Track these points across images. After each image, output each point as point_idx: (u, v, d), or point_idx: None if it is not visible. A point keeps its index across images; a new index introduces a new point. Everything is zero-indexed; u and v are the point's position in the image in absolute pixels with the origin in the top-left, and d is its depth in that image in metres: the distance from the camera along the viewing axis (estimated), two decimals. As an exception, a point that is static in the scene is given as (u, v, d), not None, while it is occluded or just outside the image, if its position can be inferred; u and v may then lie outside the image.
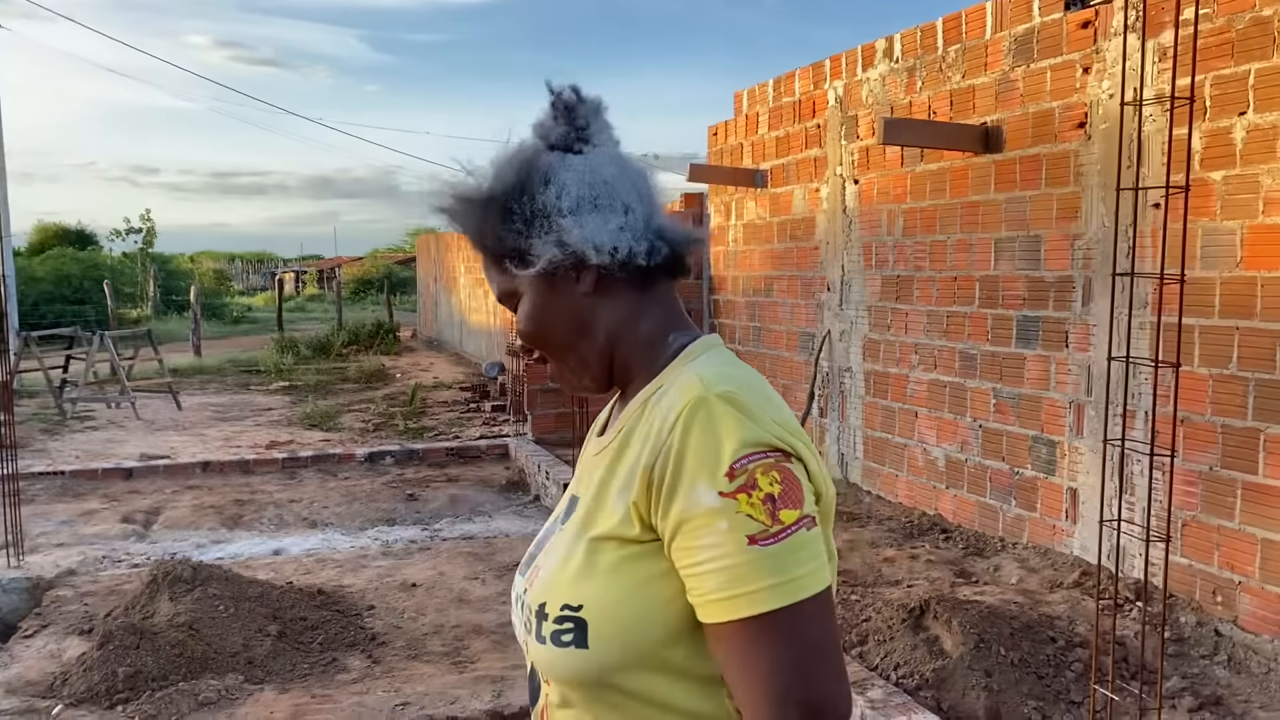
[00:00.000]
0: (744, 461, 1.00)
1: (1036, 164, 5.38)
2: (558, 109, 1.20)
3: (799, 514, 1.00)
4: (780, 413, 1.06)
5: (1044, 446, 5.39)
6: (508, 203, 1.16)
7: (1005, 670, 3.78)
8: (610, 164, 1.19)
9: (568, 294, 1.17)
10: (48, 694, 4.10)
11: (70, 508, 7.02)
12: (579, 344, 1.18)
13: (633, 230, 1.16)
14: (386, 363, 16.66)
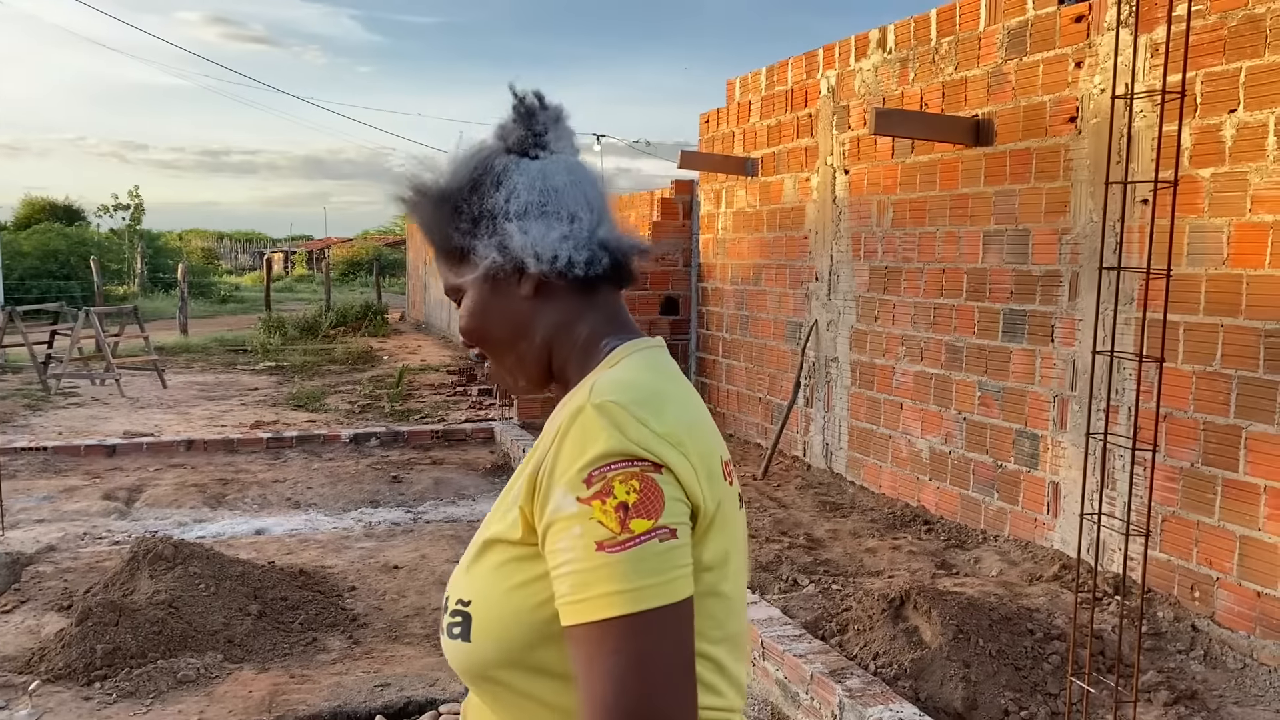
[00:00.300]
0: (603, 469, 1.01)
1: (1026, 158, 5.38)
2: (519, 113, 1.22)
3: (652, 524, 0.99)
4: (667, 423, 1.05)
5: (1027, 440, 5.41)
6: (458, 201, 1.19)
7: (983, 661, 3.79)
8: (563, 172, 1.21)
9: (508, 296, 1.19)
10: (25, 669, 4.09)
11: (52, 484, 6.99)
12: (517, 344, 1.21)
13: (575, 240, 1.18)
14: (374, 345, 16.61)
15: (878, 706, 3.41)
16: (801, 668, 3.74)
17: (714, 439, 1.13)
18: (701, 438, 1.09)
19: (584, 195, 1.21)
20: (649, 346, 1.20)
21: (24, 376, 12.08)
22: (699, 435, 1.08)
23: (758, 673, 4.02)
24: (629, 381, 1.10)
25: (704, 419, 1.13)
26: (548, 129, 1.22)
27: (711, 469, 1.08)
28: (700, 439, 1.08)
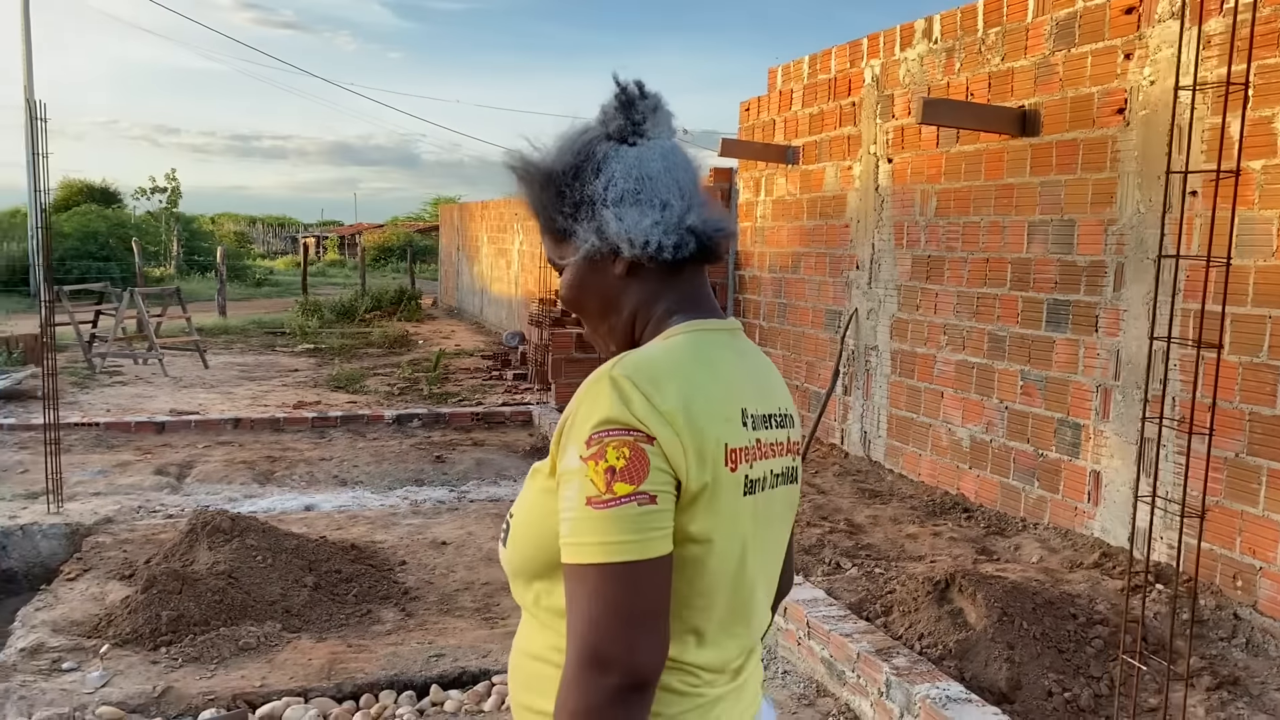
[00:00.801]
0: (601, 434, 1.14)
1: (1073, 149, 5.41)
2: (620, 101, 1.32)
3: (633, 489, 1.12)
4: (668, 401, 1.16)
5: (1069, 429, 5.44)
6: (561, 185, 1.31)
7: (1027, 644, 3.86)
8: (658, 158, 1.31)
9: (603, 274, 1.32)
10: (93, 634, 4.23)
11: (105, 458, 7.16)
12: (609, 316, 1.34)
13: (666, 226, 1.28)
14: (409, 329, 16.77)
15: (924, 684, 3.48)
16: (848, 646, 3.82)
17: (721, 426, 1.21)
18: (702, 422, 1.18)
19: (676, 181, 1.31)
20: (704, 328, 1.30)
21: (69, 355, 12.31)
22: (700, 419, 1.18)
23: (802, 651, 4.10)
24: (652, 358, 1.21)
25: (718, 405, 1.22)
26: (645, 118, 1.32)
27: (705, 451, 1.18)
28: (700, 423, 1.18)
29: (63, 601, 4.60)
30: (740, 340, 1.35)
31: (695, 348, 1.26)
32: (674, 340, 1.27)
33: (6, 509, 5.95)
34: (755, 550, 1.28)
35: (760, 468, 1.26)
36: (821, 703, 3.85)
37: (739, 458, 1.22)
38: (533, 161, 1.34)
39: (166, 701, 3.72)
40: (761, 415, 1.29)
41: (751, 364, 1.34)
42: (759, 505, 1.27)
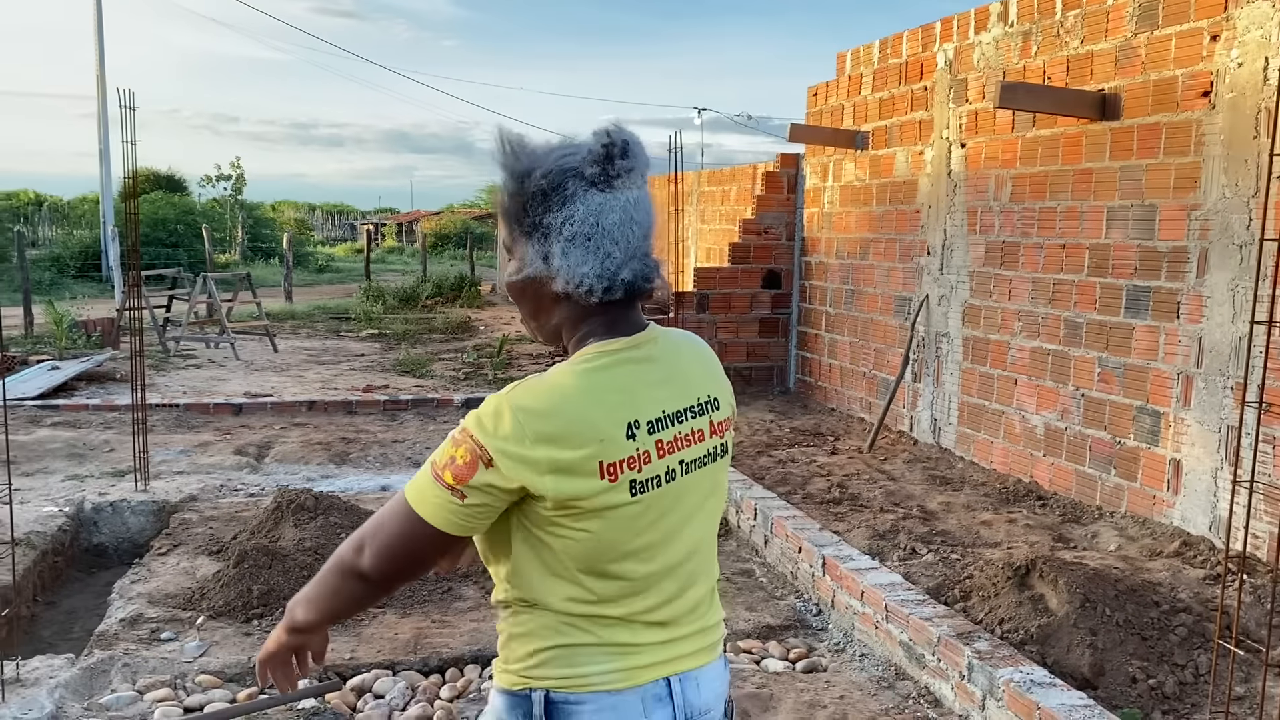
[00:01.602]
0: (468, 433, 1.43)
1: (1155, 132, 5.33)
2: (603, 152, 1.46)
3: (451, 483, 1.42)
4: (528, 434, 1.40)
5: (1148, 417, 5.38)
6: (526, 202, 1.48)
7: (1110, 630, 3.84)
8: (618, 209, 1.46)
9: (540, 286, 1.51)
10: (187, 606, 4.37)
11: (186, 439, 7.35)
12: (539, 318, 1.56)
13: (601, 273, 1.46)
14: (470, 315, 16.95)
15: (1007, 668, 3.48)
16: (928, 630, 3.83)
17: (594, 447, 1.42)
18: (569, 451, 1.41)
19: (626, 235, 1.47)
20: (608, 350, 1.49)
21: (143, 339, 12.60)
22: (566, 448, 1.40)
23: (880, 635, 4.12)
24: (538, 399, 1.42)
25: (592, 431, 1.42)
26: (620, 174, 1.47)
27: (573, 470, 1.41)
28: (557, 445, 1.40)
29: (156, 575, 4.75)
30: (646, 348, 1.52)
31: (584, 378, 1.45)
32: (567, 370, 1.46)
33: (96, 486, 6.15)
34: (662, 528, 1.51)
35: (659, 465, 1.48)
36: (900, 685, 3.86)
37: (618, 469, 1.44)
38: (510, 166, 1.50)
39: (261, 671, 3.84)
40: (669, 414, 1.50)
41: (659, 368, 1.53)
42: (658, 497, 1.49)
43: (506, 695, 1.54)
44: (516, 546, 1.49)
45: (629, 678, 1.51)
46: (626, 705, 1.50)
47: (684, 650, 1.57)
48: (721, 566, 4.96)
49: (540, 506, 1.44)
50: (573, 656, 1.50)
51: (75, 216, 32.44)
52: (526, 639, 1.52)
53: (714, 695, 1.63)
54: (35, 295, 15.51)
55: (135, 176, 6.12)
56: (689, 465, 1.53)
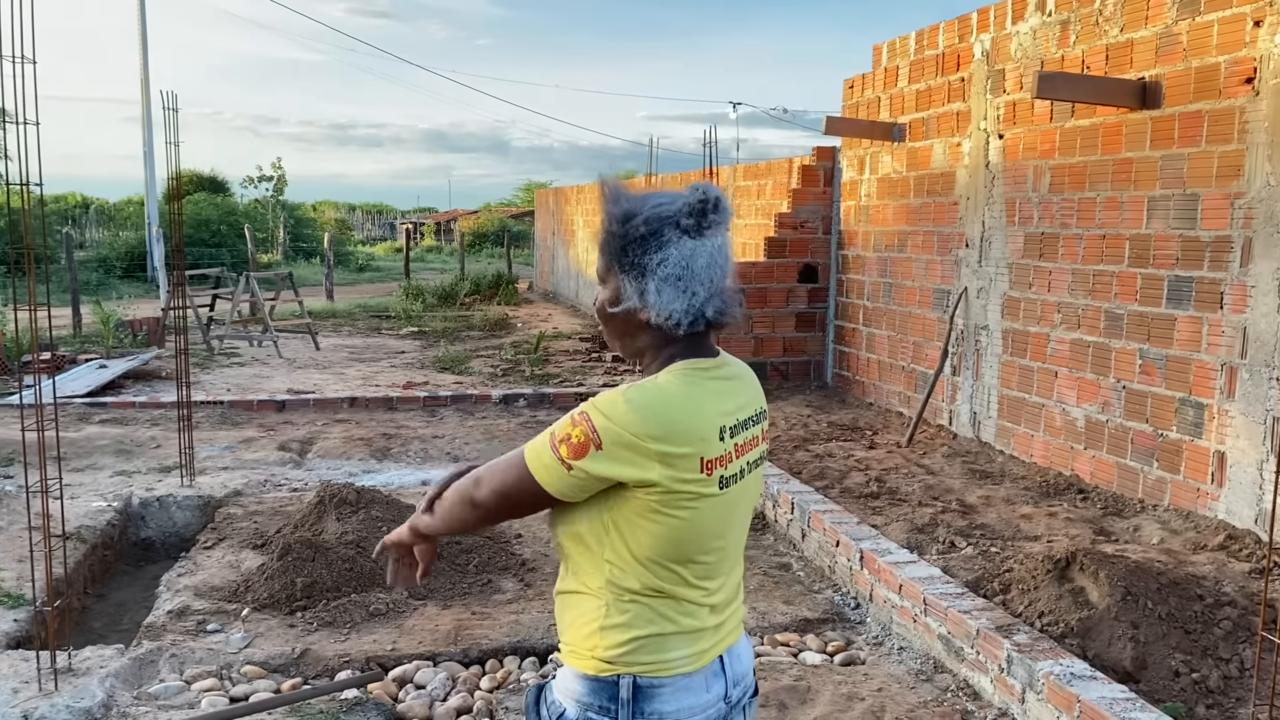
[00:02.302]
0: (586, 416, 1.60)
1: (1197, 120, 5.26)
2: (699, 206, 1.66)
3: (566, 457, 1.60)
4: (634, 427, 1.58)
5: (1191, 409, 5.31)
6: (627, 243, 1.67)
7: (1153, 623, 3.80)
8: (706, 254, 1.67)
9: (632, 315, 1.70)
10: (232, 598, 4.45)
11: (231, 435, 7.47)
12: (624, 340, 1.75)
13: (688, 310, 1.66)
14: (508, 312, 17.04)
15: (1047, 661, 3.47)
16: (966, 623, 3.82)
17: (697, 445, 1.62)
18: (677, 445, 1.60)
19: (711, 277, 1.68)
20: (695, 368, 1.69)
21: (188, 337, 12.80)
22: (674, 443, 1.60)
23: (919, 628, 4.11)
24: (653, 396, 1.62)
25: (695, 431, 1.62)
26: (711, 225, 1.67)
27: (677, 464, 1.60)
28: (674, 446, 1.59)
29: (202, 568, 4.84)
30: (724, 369, 1.74)
31: (686, 387, 1.65)
32: (672, 379, 1.65)
33: (143, 482, 6.27)
34: (730, 520, 1.72)
35: (736, 465, 1.69)
36: (939, 678, 3.85)
37: (714, 465, 1.64)
38: (612, 211, 1.69)
39: (305, 663, 3.91)
40: (739, 422, 1.71)
41: (733, 385, 1.74)
42: (733, 492, 1.70)
43: (589, 680, 1.69)
44: (609, 534, 1.65)
45: (698, 660, 1.70)
46: (695, 684, 1.70)
47: (729, 629, 1.78)
48: (759, 560, 4.99)
49: (643, 494, 1.61)
50: (663, 644, 1.67)
51: (121, 218, 32.97)
52: (623, 629, 1.66)
53: (749, 662, 1.84)
54: (83, 295, 15.80)
55: (179, 178, 6.22)
56: (751, 466, 1.76)
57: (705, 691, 1.71)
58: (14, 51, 3.34)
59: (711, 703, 1.72)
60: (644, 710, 1.66)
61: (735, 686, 1.77)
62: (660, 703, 1.67)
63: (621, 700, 1.66)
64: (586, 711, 1.68)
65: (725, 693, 1.74)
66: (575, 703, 1.70)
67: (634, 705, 1.66)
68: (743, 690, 1.81)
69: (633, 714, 1.66)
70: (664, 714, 1.67)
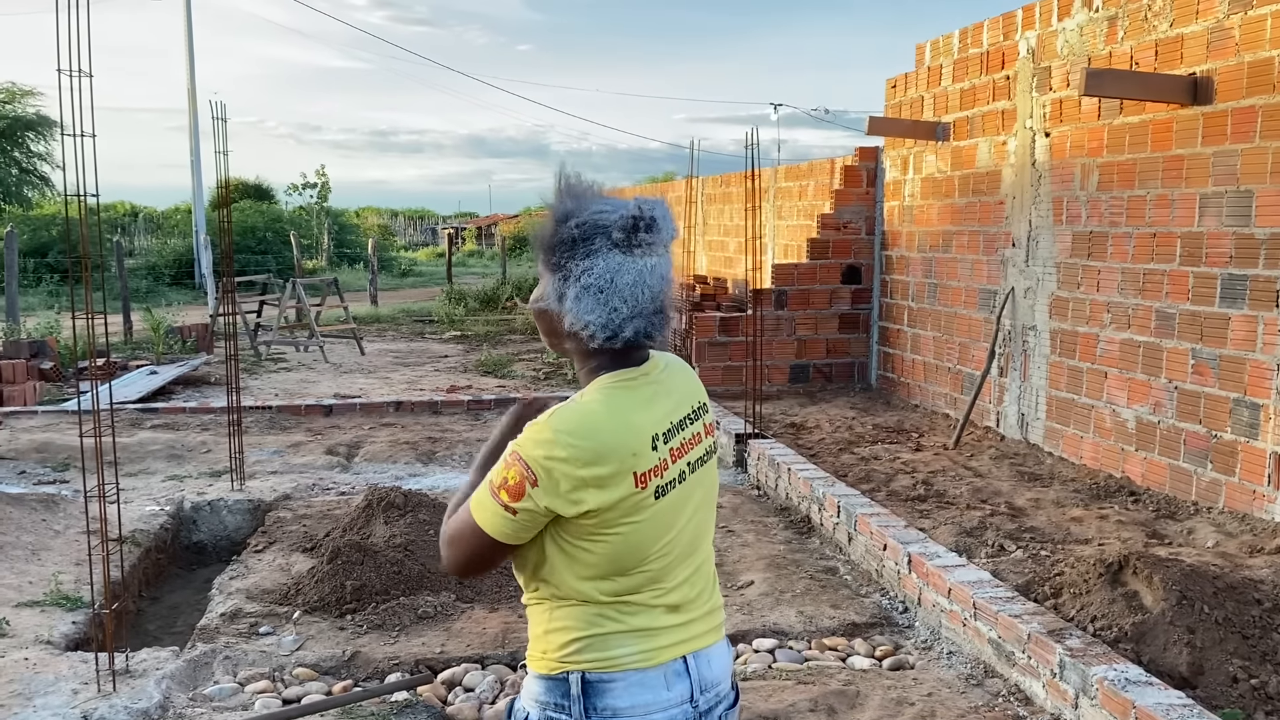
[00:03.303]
0: (517, 457, 1.63)
1: (1250, 116, 5.17)
2: (632, 223, 1.65)
3: (506, 501, 1.63)
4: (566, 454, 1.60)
5: (1246, 409, 5.22)
6: (556, 242, 1.67)
7: (1209, 628, 3.74)
8: (633, 273, 1.65)
9: (554, 318, 1.71)
10: (283, 601, 4.50)
11: (279, 439, 7.57)
12: (553, 340, 1.76)
13: (605, 324, 1.65)
14: (549, 316, 17.10)
15: (1101, 666, 3.42)
16: (1018, 627, 3.77)
17: (628, 461, 1.63)
18: (608, 466, 1.61)
19: (635, 296, 1.66)
20: (622, 379, 1.69)
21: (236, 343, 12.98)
22: (605, 463, 1.61)
23: (968, 632, 4.07)
24: (574, 416, 1.63)
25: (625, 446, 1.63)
26: (642, 244, 1.66)
27: (608, 483, 1.62)
28: (604, 467, 1.61)
29: (253, 571, 4.90)
30: (651, 375, 1.73)
31: (612, 403, 1.66)
32: (597, 396, 1.67)
33: (194, 486, 6.37)
34: (673, 524, 1.72)
35: (673, 470, 1.70)
36: (990, 683, 3.81)
37: (648, 477, 1.66)
38: (558, 204, 1.69)
39: (355, 665, 3.95)
40: (673, 425, 1.72)
41: (666, 386, 1.74)
42: (674, 497, 1.71)
43: (544, 680, 1.75)
44: (551, 555, 1.69)
45: (652, 657, 1.71)
46: (651, 681, 1.71)
47: (696, 631, 1.78)
48: (804, 564, 4.97)
49: (579, 519, 1.64)
50: (605, 642, 1.70)
51: (168, 226, 33.49)
52: (563, 631, 1.72)
53: (723, 670, 1.83)
54: (133, 302, 16.08)
55: (227, 185, 6.32)
56: (693, 465, 1.77)
57: (665, 690, 1.72)
58: (70, 65, 3.41)
59: (673, 702, 1.72)
60: (596, 705, 1.70)
61: (704, 693, 1.77)
62: (612, 698, 1.70)
63: (573, 696, 1.70)
64: (545, 710, 1.73)
65: (690, 696, 1.74)
66: (535, 703, 1.75)
67: (585, 700, 1.70)
68: (715, 697, 1.80)
69: (585, 710, 1.70)
70: (618, 709, 1.70)
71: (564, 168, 1.72)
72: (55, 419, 8.03)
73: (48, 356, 10.34)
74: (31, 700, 3.56)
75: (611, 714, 1.70)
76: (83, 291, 3.71)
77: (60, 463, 6.83)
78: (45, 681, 3.69)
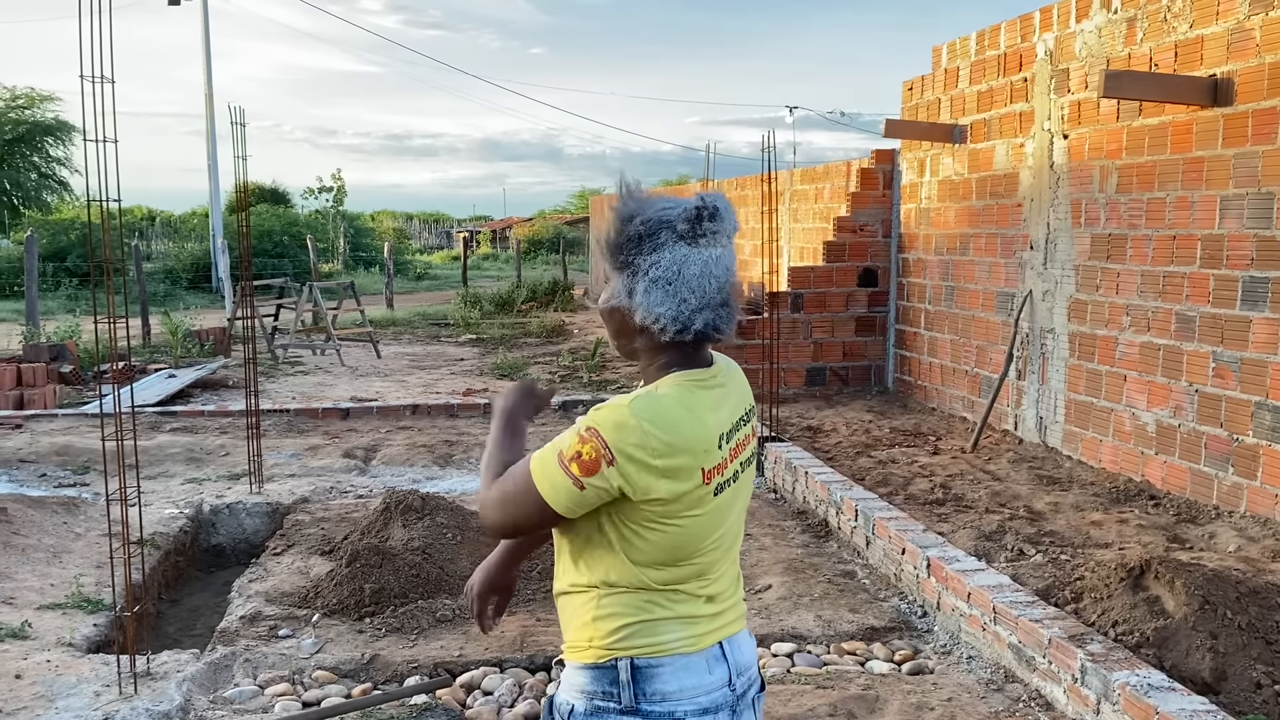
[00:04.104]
0: (595, 431, 1.63)
1: (1272, 117, 5.13)
2: (695, 213, 1.68)
3: (577, 475, 1.63)
4: (647, 442, 1.62)
5: (1268, 413, 5.18)
6: (623, 240, 1.70)
7: (1232, 633, 3.71)
8: (699, 264, 1.68)
9: (624, 315, 1.73)
10: (302, 604, 4.51)
11: (297, 443, 7.59)
12: (621, 340, 1.78)
13: (675, 316, 1.68)
14: (564, 319, 17.13)
15: (1123, 671, 3.39)
16: (1038, 632, 3.75)
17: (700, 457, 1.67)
18: (681, 460, 1.65)
19: (702, 287, 1.69)
20: (691, 378, 1.72)
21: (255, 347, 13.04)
22: (679, 457, 1.65)
23: (988, 637, 4.05)
24: (654, 404, 1.66)
25: (697, 443, 1.67)
26: (706, 234, 1.69)
27: (680, 475, 1.65)
28: (678, 460, 1.64)
29: (272, 574, 4.92)
30: (718, 377, 1.77)
31: (687, 398, 1.69)
32: (672, 391, 1.69)
33: (213, 489, 6.39)
34: (724, 520, 1.77)
35: (730, 469, 1.74)
36: (1010, 688, 3.80)
37: (713, 474, 1.69)
38: (622, 207, 1.73)
39: (374, 668, 3.95)
40: (733, 427, 1.75)
41: (726, 389, 1.78)
42: (728, 495, 1.75)
43: (590, 669, 1.75)
44: (608, 535, 1.70)
45: (696, 642, 1.75)
46: (695, 665, 1.74)
47: (728, 619, 1.83)
48: (823, 568, 4.96)
49: (644, 505, 1.66)
50: (654, 628, 1.73)
51: (185, 230, 33.71)
52: (612, 618, 1.73)
53: (751, 655, 1.88)
54: (151, 306, 16.18)
55: (246, 190, 6.34)
56: (743, 466, 1.81)
57: (708, 673, 1.75)
58: (92, 71, 3.44)
59: (715, 685, 1.76)
60: (645, 691, 1.72)
61: (740, 676, 1.80)
62: (661, 682, 1.72)
63: (622, 683, 1.71)
64: (593, 700, 1.73)
65: (729, 679, 1.78)
66: (581, 694, 1.75)
67: (635, 686, 1.72)
68: (748, 681, 1.83)
69: (635, 695, 1.72)
70: (666, 693, 1.72)
71: (624, 176, 1.76)
72: (75, 422, 8.08)
73: (67, 360, 10.42)
74: (54, 702, 3.58)
75: (660, 698, 1.72)
76: (103, 295, 3.74)
77: (80, 465, 6.88)
78: (67, 684, 3.71)
